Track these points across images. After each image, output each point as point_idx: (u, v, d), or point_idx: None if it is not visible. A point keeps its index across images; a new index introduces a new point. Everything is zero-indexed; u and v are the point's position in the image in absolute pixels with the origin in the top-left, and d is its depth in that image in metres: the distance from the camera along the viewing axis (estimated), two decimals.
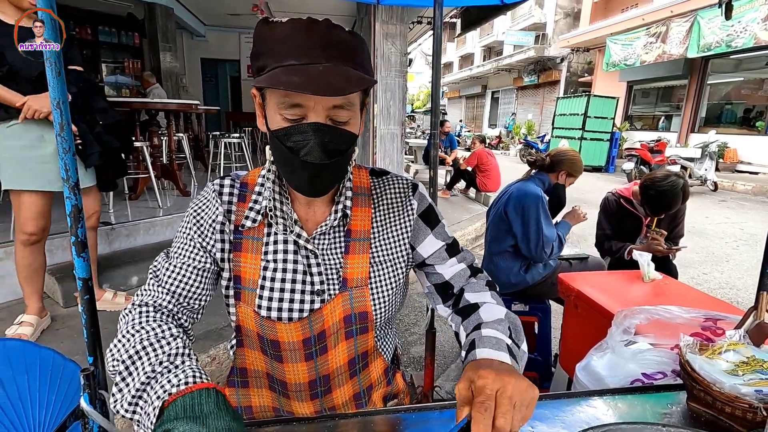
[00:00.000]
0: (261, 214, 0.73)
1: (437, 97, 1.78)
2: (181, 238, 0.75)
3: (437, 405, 0.77)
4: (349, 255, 0.76)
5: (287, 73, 0.59)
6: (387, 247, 0.79)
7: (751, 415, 0.68)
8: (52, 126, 0.78)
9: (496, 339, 0.65)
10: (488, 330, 0.67)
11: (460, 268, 0.83)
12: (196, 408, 0.50)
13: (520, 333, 0.71)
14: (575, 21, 16.72)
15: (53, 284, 2.50)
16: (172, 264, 0.73)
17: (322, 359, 0.77)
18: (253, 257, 0.74)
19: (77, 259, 0.62)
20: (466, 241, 4.81)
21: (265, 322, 0.73)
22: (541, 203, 1.95)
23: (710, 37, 9.35)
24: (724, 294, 3.47)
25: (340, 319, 0.76)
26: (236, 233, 0.74)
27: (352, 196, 0.76)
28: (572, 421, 0.74)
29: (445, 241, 0.83)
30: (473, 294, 0.79)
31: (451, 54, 30.54)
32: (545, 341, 2.13)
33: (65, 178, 0.61)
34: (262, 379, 0.82)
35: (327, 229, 0.75)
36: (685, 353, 0.81)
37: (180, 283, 0.72)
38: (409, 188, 0.82)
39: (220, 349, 2.13)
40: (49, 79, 0.57)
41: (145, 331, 0.64)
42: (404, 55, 4.80)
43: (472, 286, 0.81)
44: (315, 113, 0.63)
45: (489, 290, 0.80)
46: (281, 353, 0.76)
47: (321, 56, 0.61)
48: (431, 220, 0.83)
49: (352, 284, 0.76)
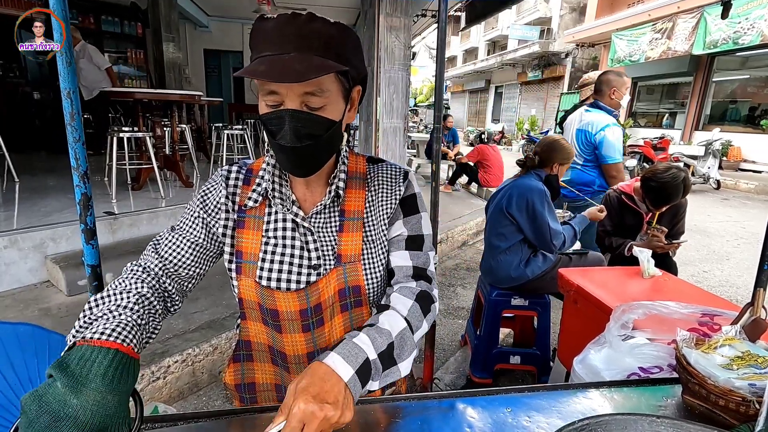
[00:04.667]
0: (261, 195, 0.79)
1: (441, 92, 1.79)
2: (186, 214, 0.82)
3: (436, 394, 0.79)
4: (343, 233, 0.81)
5: (258, 63, 0.66)
6: (377, 228, 0.83)
7: (744, 408, 0.69)
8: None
9: (357, 350, 0.63)
10: (362, 336, 0.66)
11: (405, 264, 0.83)
12: (85, 366, 0.51)
13: (405, 349, 0.70)
14: (581, 16, 16.55)
15: (57, 272, 2.53)
16: (170, 234, 0.81)
17: (320, 331, 0.81)
18: (255, 234, 0.80)
19: (86, 246, 0.63)
20: (467, 236, 4.82)
21: (264, 291, 0.78)
22: (546, 197, 1.99)
23: (717, 33, 9.26)
24: (724, 292, 3.49)
25: (335, 292, 0.80)
26: (240, 212, 0.80)
27: (345, 179, 0.81)
28: (568, 411, 0.76)
29: (409, 232, 0.84)
30: (396, 296, 0.77)
31: (455, 48, 30.33)
32: (544, 336, 2.15)
33: (75, 167, 0.62)
34: (265, 352, 0.86)
35: (322, 209, 0.80)
36: (681, 347, 0.82)
37: (171, 250, 0.78)
38: (401, 175, 0.85)
39: (222, 339, 2.16)
40: (59, 69, 0.58)
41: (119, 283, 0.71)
42: (408, 49, 4.77)
43: (403, 289, 0.79)
44: (290, 100, 0.68)
45: (414, 300, 0.77)
46: (280, 323, 0.80)
47: (291, 47, 0.67)
48: (408, 206, 0.85)
49: (345, 260, 0.80)
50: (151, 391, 1.89)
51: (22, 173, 4.07)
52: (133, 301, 0.67)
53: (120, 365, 0.54)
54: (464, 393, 0.81)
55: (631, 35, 11.84)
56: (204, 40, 9.70)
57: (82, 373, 0.51)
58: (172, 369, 1.96)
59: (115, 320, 0.60)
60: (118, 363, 0.54)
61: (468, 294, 3.39)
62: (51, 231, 2.68)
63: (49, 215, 2.94)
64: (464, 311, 3.09)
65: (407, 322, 0.73)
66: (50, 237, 2.67)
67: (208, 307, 2.41)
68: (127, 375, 0.55)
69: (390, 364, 0.68)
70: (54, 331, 0.77)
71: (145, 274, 0.76)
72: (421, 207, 0.86)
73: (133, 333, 0.60)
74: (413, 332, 0.73)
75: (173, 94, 4.18)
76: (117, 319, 0.61)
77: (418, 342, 0.75)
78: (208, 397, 2.05)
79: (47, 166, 5.09)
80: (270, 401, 0.90)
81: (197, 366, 2.06)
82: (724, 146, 9.56)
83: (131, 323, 0.61)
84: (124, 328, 0.59)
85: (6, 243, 2.49)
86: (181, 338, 2.11)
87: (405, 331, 0.71)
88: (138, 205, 3.41)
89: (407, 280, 0.82)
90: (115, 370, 0.53)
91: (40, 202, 3.27)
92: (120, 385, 0.53)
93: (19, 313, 2.29)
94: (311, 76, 0.63)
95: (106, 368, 0.52)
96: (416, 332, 0.74)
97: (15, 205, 3.18)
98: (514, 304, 2.14)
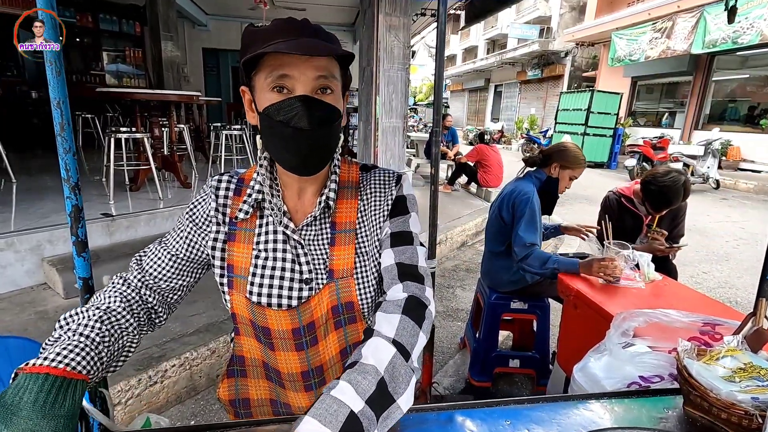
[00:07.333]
0: (252, 207, 0.77)
1: (440, 91, 1.77)
2: (175, 226, 0.82)
3: (434, 406, 0.78)
4: (334, 247, 0.78)
5: (275, 45, 0.65)
6: (370, 237, 0.80)
7: (747, 422, 0.68)
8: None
9: (337, 406, 0.53)
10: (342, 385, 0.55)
11: (389, 263, 0.76)
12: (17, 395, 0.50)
13: (400, 381, 0.59)
14: (580, 15, 16.52)
15: (54, 275, 2.51)
16: (156, 246, 0.81)
17: (313, 350, 0.80)
18: (245, 247, 0.78)
19: (77, 258, 0.62)
20: (466, 236, 4.81)
21: (255, 308, 0.77)
22: (529, 203, 1.88)
23: (716, 33, 9.25)
24: (723, 293, 3.48)
25: (328, 309, 0.78)
26: (231, 225, 0.79)
27: (336, 188, 0.79)
28: (568, 424, 0.75)
29: (393, 229, 0.79)
30: (380, 315, 0.67)
31: (454, 47, 30.28)
32: (543, 339, 2.14)
33: (65, 178, 0.61)
34: (259, 368, 0.85)
35: (312, 220, 0.78)
36: (682, 358, 0.81)
37: (153, 263, 0.79)
38: (393, 179, 0.82)
39: (220, 343, 2.14)
40: (49, 79, 0.56)
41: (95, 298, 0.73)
42: (407, 48, 4.76)
43: (388, 305, 0.69)
44: (302, 84, 0.68)
45: (401, 314, 0.66)
46: (272, 341, 0.79)
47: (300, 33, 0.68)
48: (398, 207, 0.81)
49: (338, 275, 0.78)
50: (149, 396, 1.88)
51: (19, 174, 4.06)
52: (95, 318, 0.65)
53: (53, 389, 0.51)
54: (463, 405, 0.80)
55: (630, 34, 11.82)
56: (202, 39, 9.66)
57: (14, 402, 0.49)
58: (169, 373, 1.95)
59: (64, 343, 0.58)
60: (50, 387, 0.51)
61: (467, 296, 3.38)
62: (48, 233, 2.66)
63: (46, 217, 2.92)
64: (463, 313, 3.08)
65: (397, 346, 0.62)
66: (47, 239, 2.65)
67: (206, 310, 2.40)
68: (63, 398, 0.52)
69: (386, 404, 0.57)
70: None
71: (125, 287, 0.76)
72: (411, 208, 0.82)
73: (82, 354, 0.58)
74: (408, 354, 0.63)
75: (171, 94, 4.16)
76: (68, 341, 0.59)
77: (418, 358, 0.67)
78: (206, 402, 2.04)
79: (44, 166, 5.07)
80: (265, 416, 0.88)
81: (195, 370, 2.05)
82: (724, 146, 9.56)
83: (81, 344, 0.59)
84: (71, 350, 0.57)
85: (2, 245, 2.48)
86: (178, 342, 2.10)
87: (395, 359, 0.60)
88: (136, 207, 3.40)
89: (394, 281, 0.73)
90: (48, 395, 0.51)
91: (37, 204, 3.25)
92: (54, 410, 0.50)
93: (15, 316, 2.28)
94: (331, 52, 0.66)
95: (36, 394, 0.50)
96: (413, 351, 0.64)
97: (12, 207, 3.16)
98: (513, 307, 2.13)
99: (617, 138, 11.44)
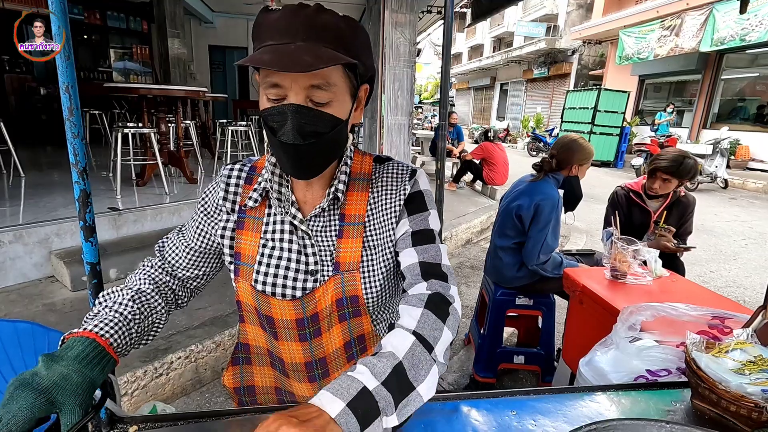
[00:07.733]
0: (261, 195, 0.77)
1: (446, 88, 1.77)
2: (192, 216, 0.84)
3: (440, 396, 0.77)
4: (342, 239, 0.77)
5: (262, 52, 0.62)
6: (379, 231, 0.78)
7: (757, 415, 0.67)
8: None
9: (351, 381, 0.53)
10: (358, 367, 0.56)
11: (411, 262, 0.75)
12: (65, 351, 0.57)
13: (421, 369, 0.59)
14: (588, 12, 16.39)
15: (61, 268, 2.53)
16: (174, 234, 0.85)
17: (317, 342, 0.79)
18: (253, 235, 0.78)
19: (85, 243, 0.63)
20: (471, 234, 4.80)
21: (260, 296, 0.76)
22: (557, 208, 1.92)
23: (724, 30, 9.15)
24: (731, 292, 3.45)
25: (333, 302, 0.77)
26: (240, 212, 0.79)
27: (347, 180, 0.77)
28: (575, 415, 0.74)
29: (413, 228, 0.77)
30: (403, 308, 0.68)
31: (460, 44, 30.17)
32: (549, 335, 2.13)
33: (74, 163, 0.61)
34: (264, 356, 0.85)
35: (320, 212, 0.76)
36: (690, 351, 0.80)
37: (171, 251, 0.83)
38: (407, 173, 0.79)
39: (225, 336, 2.15)
40: (58, 63, 0.57)
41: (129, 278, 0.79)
42: (413, 45, 4.74)
43: (411, 299, 0.69)
44: (294, 93, 0.64)
45: (423, 308, 0.66)
46: (276, 330, 0.79)
47: (298, 36, 0.63)
48: (414, 203, 0.79)
49: (344, 268, 0.76)
50: (154, 387, 1.89)
51: (27, 168, 4.10)
52: (128, 297, 0.72)
53: (92, 352, 0.58)
54: (468, 395, 0.79)
55: (639, 32, 11.72)
56: (209, 36, 9.69)
57: (59, 354, 0.57)
58: (175, 365, 1.96)
59: (102, 316, 0.66)
60: (92, 350, 0.59)
61: (472, 292, 3.38)
62: (56, 226, 2.69)
63: (54, 210, 2.95)
64: (468, 310, 3.07)
65: (417, 336, 0.62)
66: (55, 232, 2.68)
67: (211, 304, 2.41)
68: (97, 363, 0.58)
69: (405, 389, 0.56)
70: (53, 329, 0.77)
71: (152, 269, 0.81)
72: (429, 205, 0.79)
73: (116, 329, 0.64)
74: (430, 346, 0.62)
75: (177, 89, 4.17)
76: (105, 316, 0.66)
77: (444, 353, 0.64)
78: (211, 394, 2.05)
79: (53, 160, 5.11)
80: (270, 404, 0.89)
81: (200, 362, 2.06)
82: (732, 145, 9.45)
83: (116, 319, 0.66)
84: (107, 323, 0.64)
85: (11, 238, 2.50)
86: (184, 335, 2.11)
87: (415, 347, 0.60)
88: (142, 201, 3.42)
89: (417, 280, 0.72)
90: (87, 355, 0.58)
91: (45, 197, 3.28)
92: (86, 369, 0.56)
93: (23, 308, 2.30)
94: (320, 66, 0.59)
95: (80, 351, 0.57)
96: (436, 344, 0.62)
97: (21, 200, 3.20)
98: (518, 303, 2.12)
99: (624, 137, 11.35)
